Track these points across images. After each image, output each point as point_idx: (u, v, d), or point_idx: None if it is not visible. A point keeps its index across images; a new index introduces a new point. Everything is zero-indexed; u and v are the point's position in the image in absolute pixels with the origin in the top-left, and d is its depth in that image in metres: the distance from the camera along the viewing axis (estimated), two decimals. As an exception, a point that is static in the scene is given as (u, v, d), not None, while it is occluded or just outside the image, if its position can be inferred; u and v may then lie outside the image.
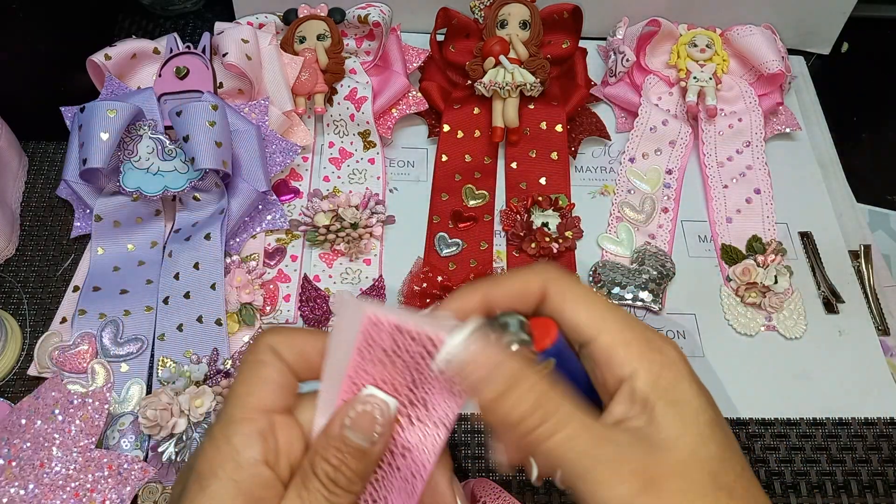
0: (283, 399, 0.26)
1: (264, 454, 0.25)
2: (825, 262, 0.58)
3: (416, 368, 0.25)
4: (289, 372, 0.26)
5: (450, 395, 0.25)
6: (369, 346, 0.25)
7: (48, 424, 0.45)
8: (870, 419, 0.51)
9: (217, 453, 0.24)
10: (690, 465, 0.23)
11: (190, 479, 0.25)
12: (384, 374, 0.26)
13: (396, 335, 0.24)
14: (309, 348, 0.26)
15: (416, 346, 0.24)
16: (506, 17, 0.62)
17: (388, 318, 0.24)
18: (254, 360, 0.26)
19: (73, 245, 0.57)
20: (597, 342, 0.25)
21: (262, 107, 0.57)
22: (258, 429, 0.25)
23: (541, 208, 0.58)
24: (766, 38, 0.64)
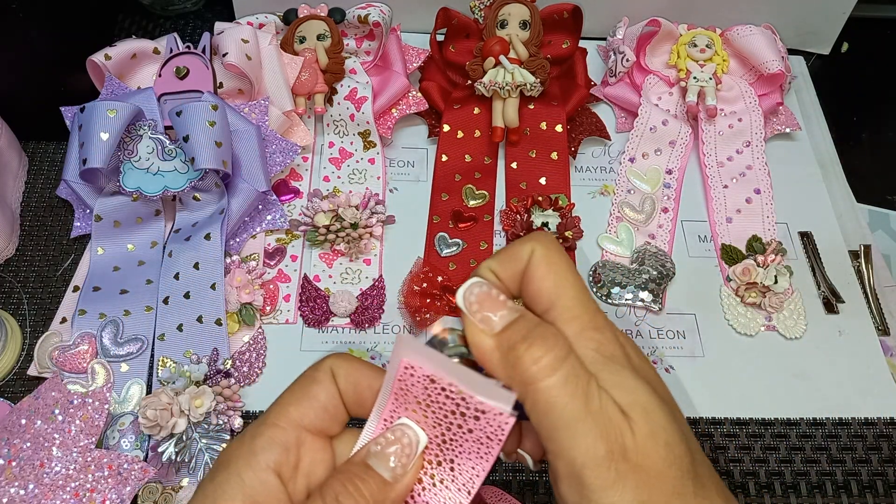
0: (324, 422, 0.26)
1: (278, 464, 0.24)
2: (825, 262, 0.58)
3: (448, 426, 0.24)
4: (338, 398, 0.26)
5: (478, 458, 0.24)
6: (403, 392, 0.25)
7: (48, 424, 0.45)
8: (870, 419, 0.51)
9: (238, 447, 0.25)
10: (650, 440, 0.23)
11: (212, 467, 0.25)
12: (418, 420, 0.25)
13: (429, 387, 0.24)
14: (364, 383, 0.26)
15: (449, 403, 0.24)
16: (506, 17, 0.62)
17: (423, 367, 0.24)
18: (309, 375, 0.26)
19: (73, 245, 0.57)
20: (549, 313, 0.25)
21: (262, 107, 0.57)
22: (284, 439, 0.25)
23: (541, 208, 0.58)
24: (766, 38, 0.64)
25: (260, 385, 0.50)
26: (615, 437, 0.22)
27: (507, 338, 0.24)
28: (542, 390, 0.23)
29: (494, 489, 0.42)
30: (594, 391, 0.23)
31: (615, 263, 0.57)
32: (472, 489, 0.25)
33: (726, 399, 0.51)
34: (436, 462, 0.25)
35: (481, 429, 0.24)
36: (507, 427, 0.24)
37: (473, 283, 0.25)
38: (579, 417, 0.22)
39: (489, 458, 0.24)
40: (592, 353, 0.24)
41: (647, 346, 0.53)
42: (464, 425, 0.24)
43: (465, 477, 0.25)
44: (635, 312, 0.55)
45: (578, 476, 0.22)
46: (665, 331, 0.54)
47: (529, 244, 0.26)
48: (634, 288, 0.55)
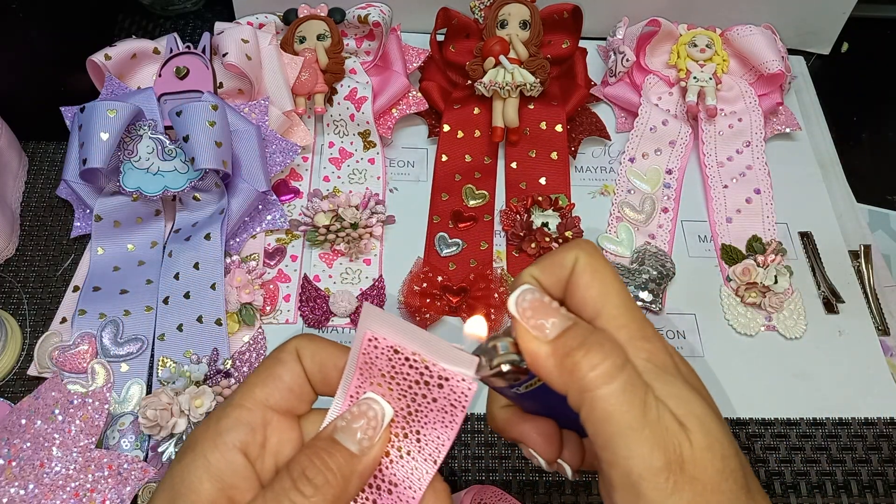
0: (289, 401, 0.26)
1: (244, 443, 0.25)
2: (825, 262, 0.58)
3: (412, 397, 0.25)
4: (304, 378, 0.26)
5: (443, 426, 0.25)
6: (368, 365, 0.25)
7: (48, 424, 0.45)
8: (870, 419, 0.51)
9: (204, 430, 0.25)
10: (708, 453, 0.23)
11: (179, 450, 0.25)
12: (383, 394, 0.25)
13: (393, 358, 0.24)
14: (330, 363, 0.26)
15: (413, 373, 0.24)
16: (506, 17, 0.62)
17: (386, 338, 0.24)
18: (275, 356, 0.26)
19: (73, 245, 0.57)
20: (595, 322, 0.25)
21: (262, 107, 0.57)
22: (250, 419, 0.25)
23: (541, 208, 0.58)
24: (766, 38, 0.64)
25: (260, 385, 0.50)
26: (673, 447, 0.22)
27: (562, 344, 0.24)
28: (599, 398, 0.22)
29: (494, 489, 0.42)
30: (651, 401, 0.23)
31: (615, 263, 0.57)
32: (439, 458, 0.25)
33: (726, 399, 0.51)
34: (402, 434, 0.26)
35: (445, 396, 0.24)
36: (470, 392, 0.24)
37: (525, 290, 0.25)
38: (637, 427, 0.22)
39: (454, 425, 0.25)
40: (644, 363, 0.24)
41: (647, 346, 0.53)
42: (428, 395, 0.24)
43: (431, 447, 0.25)
44: (635, 312, 0.55)
45: (634, 486, 0.22)
46: (665, 331, 0.54)
47: (573, 251, 0.26)
48: (634, 288, 0.55)
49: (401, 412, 0.25)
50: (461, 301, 0.54)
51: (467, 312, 0.53)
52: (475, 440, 0.49)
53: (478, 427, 0.50)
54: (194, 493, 0.24)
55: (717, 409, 0.25)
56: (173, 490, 0.24)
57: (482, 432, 0.49)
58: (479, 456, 0.48)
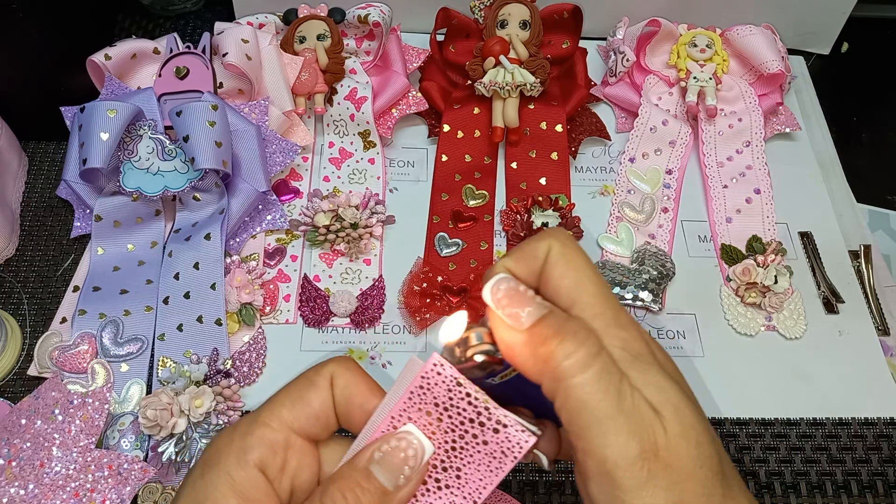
0: (315, 428, 0.26)
1: (265, 463, 0.24)
2: (825, 262, 0.58)
3: (461, 433, 0.24)
4: (332, 407, 0.26)
5: (488, 471, 0.24)
6: (422, 391, 0.24)
7: (48, 424, 0.45)
8: (870, 419, 0.51)
9: (228, 445, 0.25)
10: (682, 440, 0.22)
11: (198, 462, 0.25)
12: (426, 427, 0.24)
13: (454, 390, 0.24)
14: (357, 400, 0.26)
15: (471, 410, 0.23)
16: (506, 17, 0.62)
17: (454, 367, 0.24)
18: (309, 378, 0.26)
19: (73, 245, 0.57)
20: (570, 311, 0.25)
21: (262, 107, 0.57)
22: (272, 439, 0.25)
23: (541, 208, 0.58)
24: (766, 38, 0.64)
25: (260, 385, 0.50)
26: (648, 435, 0.22)
27: (537, 333, 0.23)
28: (574, 387, 0.22)
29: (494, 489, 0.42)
30: (626, 389, 0.23)
31: (615, 263, 0.57)
32: (478, 499, 0.25)
33: (726, 399, 0.51)
34: (441, 467, 0.25)
35: (497, 442, 0.24)
36: (526, 445, 0.23)
37: (500, 279, 0.25)
38: (612, 415, 0.22)
39: (499, 472, 0.24)
40: (619, 351, 0.24)
41: (647, 346, 0.53)
42: (479, 435, 0.24)
43: (470, 487, 0.25)
44: (635, 312, 0.55)
45: (610, 475, 0.22)
46: (665, 331, 0.54)
47: (546, 241, 0.25)
48: (634, 288, 0.55)
49: (444, 445, 0.24)
50: (461, 301, 0.54)
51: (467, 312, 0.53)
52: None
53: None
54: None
55: (693, 397, 0.25)
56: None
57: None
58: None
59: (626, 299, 0.55)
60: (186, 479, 0.25)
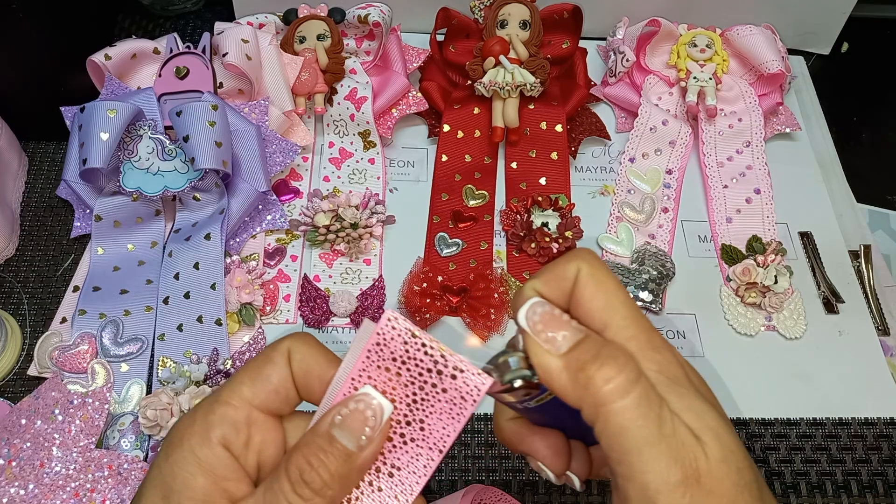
0: (275, 403, 0.26)
1: (228, 440, 0.24)
2: (825, 262, 0.58)
3: (421, 385, 0.24)
4: (291, 381, 0.26)
5: (450, 418, 0.24)
6: (379, 348, 0.24)
7: (48, 424, 0.45)
8: (869, 419, 0.51)
9: (190, 425, 0.25)
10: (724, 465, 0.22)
11: (162, 446, 0.25)
12: (386, 384, 0.25)
13: (410, 342, 0.24)
14: (315, 372, 0.26)
15: (427, 360, 0.24)
16: (506, 17, 0.62)
17: (407, 320, 0.24)
18: (266, 355, 0.26)
19: (73, 245, 0.57)
20: (603, 334, 0.25)
21: (262, 107, 0.57)
22: (234, 416, 0.25)
23: (541, 208, 0.58)
24: (766, 38, 0.64)
25: (260, 385, 0.50)
26: (689, 461, 0.22)
27: (575, 358, 0.23)
28: (615, 412, 0.22)
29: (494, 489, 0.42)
30: (667, 414, 0.22)
31: (615, 263, 0.57)
32: (444, 447, 0.25)
33: (726, 399, 0.51)
34: (405, 422, 0.25)
35: (457, 388, 0.24)
36: (483, 386, 0.24)
37: (535, 303, 0.25)
38: (653, 441, 0.22)
39: (461, 418, 0.24)
40: (656, 375, 0.24)
41: (647, 346, 0.53)
42: (438, 384, 0.24)
43: (435, 436, 0.25)
44: (635, 312, 0.55)
45: (651, 501, 0.22)
46: (665, 331, 0.54)
47: (575, 263, 0.25)
48: (634, 288, 0.55)
49: (405, 399, 0.25)
50: (461, 301, 0.54)
51: (467, 312, 0.53)
52: (475, 440, 0.49)
53: (478, 427, 0.50)
54: (189, 489, 0.23)
55: (729, 421, 0.24)
56: (165, 486, 0.24)
57: (482, 432, 0.49)
58: (479, 456, 0.48)
59: (626, 299, 0.55)
60: (152, 464, 0.25)
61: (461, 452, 0.49)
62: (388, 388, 0.25)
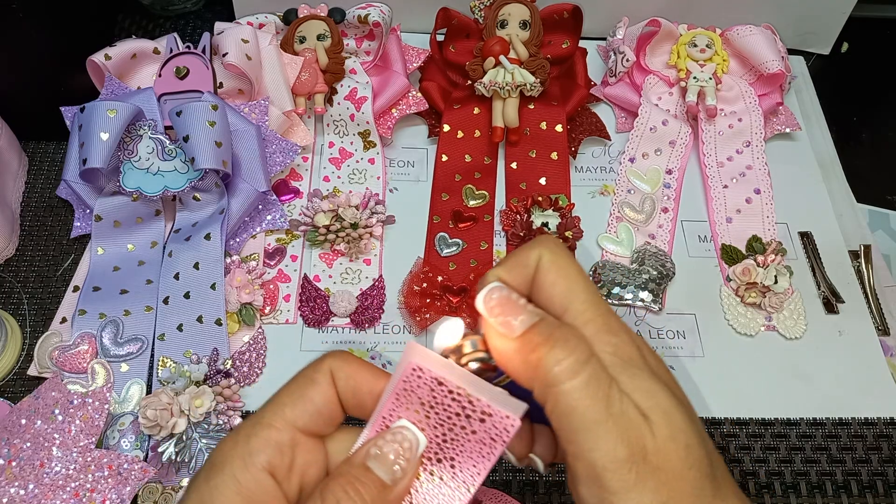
0: (319, 424, 0.26)
1: (273, 465, 0.24)
2: (825, 262, 0.58)
3: (450, 427, 0.25)
4: (336, 401, 0.26)
5: (480, 457, 0.25)
6: (407, 392, 0.25)
7: (48, 424, 0.45)
8: (869, 419, 0.51)
9: (233, 448, 0.25)
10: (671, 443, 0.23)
11: (204, 467, 0.25)
12: (417, 423, 0.25)
13: (436, 389, 0.24)
14: (365, 388, 0.26)
15: (455, 406, 0.24)
16: (506, 17, 0.62)
17: (431, 369, 0.24)
18: (308, 376, 0.26)
19: (73, 245, 0.57)
20: (562, 318, 0.25)
21: (262, 107, 0.57)
22: (279, 439, 0.25)
23: (541, 208, 0.58)
24: (766, 38, 0.64)
25: (260, 385, 0.50)
26: (636, 439, 0.22)
27: (528, 340, 0.24)
28: (564, 393, 0.23)
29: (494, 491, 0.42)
30: (615, 394, 0.23)
31: (615, 263, 0.57)
32: (473, 486, 0.25)
33: (726, 399, 0.51)
34: (435, 459, 0.25)
35: (486, 430, 0.24)
36: (512, 429, 0.24)
37: (493, 288, 0.25)
38: (600, 420, 0.22)
39: (491, 457, 0.25)
40: (610, 357, 0.24)
41: (647, 346, 0.53)
42: (467, 426, 0.24)
43: (465, 475, 0.25)
44: (635, 312, 0.55)
45: (598, 478, 0.22)
46: (665, 331, 0.54)
47: (536, 250, 0.26)
48: (634, 288, 0.55)
49: (436, 438, 0.25)
50: (461, 301, 0.54)
51: (467, 312, 0.53)
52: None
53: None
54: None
55: (685, 400, 0.25)
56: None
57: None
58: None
59: (626, 299, 0.55)
60: (191, 483, 0.25)
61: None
62: (419, 427, 0.25)
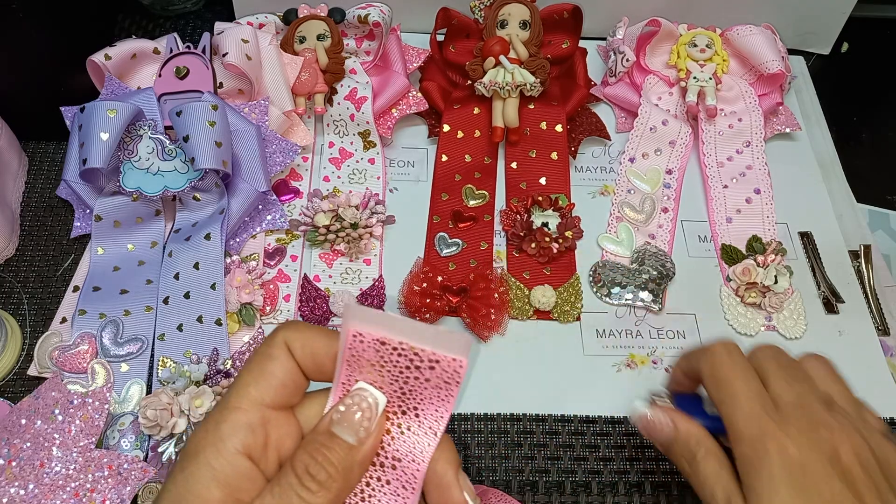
0: (285, 397, 0.26)
1: (247, 446, 0.25)
2: (825, 262, 0.58)
3: (405, 380, 0.25)
4: (297, 371, 0.26)
5: (440, 400, 0.25)
6: (356, 357, 0.25)
7: (48, 424, 0.45)
8: (870, 419, 0.51)
9: (204, 436, 0.25)
10: None
11: (178, 459, 0.25)
12: (374, 382, 0.26)
13: (381, 349, 0.25)
14: (322, 350, 0.26)
15: (403, 360, 0.24)
16: (506, 17, 0.62)
17: (371, 332, 0.24)
18: (265, 352, 0.26)
19: (73, 245, 0.57)
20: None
21: (262, 107, 0.57)
22: (249, 420, 0.25)
23: (541, 208, 0.58)
24: (766, 38, 0.64)
25: (260, 385, 0.50)
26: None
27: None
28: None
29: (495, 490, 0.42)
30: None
31: (615, 263, 0.57)
32: (439, 430, 0.26)
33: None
34: (400, 412, 0.26)
35: (438, 375, 0.25)
36: (461, 369, 0.24)
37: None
38: None
39: (450, 398, 0.25)
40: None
41: (647, 346, 0.53)
42: (420, 376, 0.25)
43: (430, 420, 0.26)
44: (635, 312, 0.55)
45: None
46: (665, 331, 0.54)
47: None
48: (634, 288, 0.55)
49: (395, 392, 0.26)
50: (461, 301, 0.54)
51: (467, 313, 0.53)
52: (475, 440, 0.49)
53: (477, 427, 0.50)
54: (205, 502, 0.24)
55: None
56: (181, 500, 0.24)
57: (482, 432, 0.49)
58: (478, 456, 0.48)
59: (627, 299, 0.55)
60: (168, 476, 0.25)
61: (461, 453, 0.49)
62: (376, 386, 0.26)
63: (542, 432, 0.49)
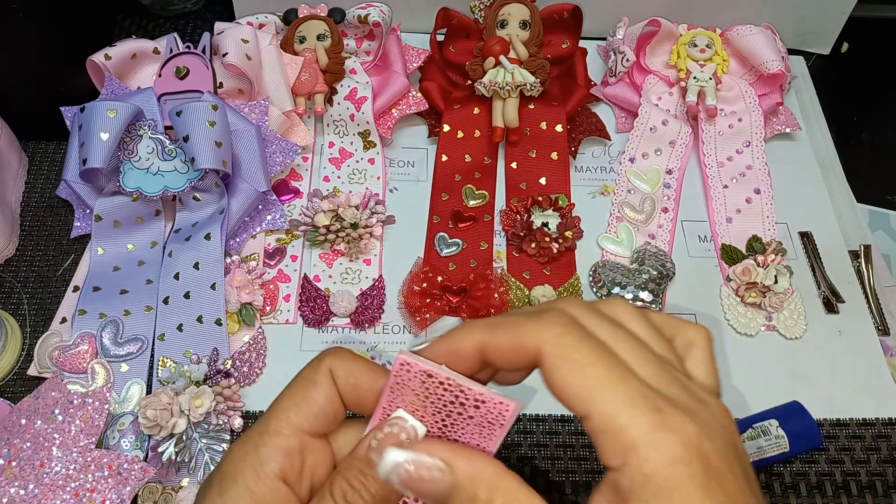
0: (323, 425, 0.26)
1: (284, 471, 0.25)
2: (825, 262, 0.58)
3: (448, 413, 0.25)
4: (338, 400, 0.26)
5: (482, 438, 0.25)
6: (400, 386, 0.25)
7: (48, 424, 0.45)
8: (869, 419, 0.51)
9: (243, 459, 0.25)
10: None
11: (214, 479, 0.25)
12: (416, 412, 0.25)
13: (427, 381, 0.24)
14: (365, 385, 0.26)
15: (448, 395, 0.24)
16: (506, 17, 0.62)
17: (419, 363, 0.24)
18: (309, 378, 0.26)
19: (73, 245, 0.57)
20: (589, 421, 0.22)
21: (262, 107, 0.57)
22: (287, 445, 0.25)
23: (541, 208, 0.58)
24: (766, 38, 0.64)
25: (260, 385, 0.50)
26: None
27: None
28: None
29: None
30: None
31: (615, 263, 0.57)
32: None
33: (726, 399, 0.50)
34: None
35: (482, 415, 0.24)
36: (508, 413, 0.24)
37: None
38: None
39: (493, 438, 0.24)
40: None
41: (647, 346, 0.53)
42: (464, 412, 0.24)
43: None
44: (635, 312, 0.55)
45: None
46: (665, 331, 0.54)
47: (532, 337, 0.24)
48: (634, 288, 0.55)
49: (436, 424, 0.25)
50: (461, 301, 0.54)
51: (467, 313, 0.53)
52: (475, 440, 0.49)
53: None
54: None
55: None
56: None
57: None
58: (478, 456, 0.48)
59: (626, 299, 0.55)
60: (204, 496, 0.25)
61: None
62: (418, 416, 0.25)
63: (542, 432, 0.49)
